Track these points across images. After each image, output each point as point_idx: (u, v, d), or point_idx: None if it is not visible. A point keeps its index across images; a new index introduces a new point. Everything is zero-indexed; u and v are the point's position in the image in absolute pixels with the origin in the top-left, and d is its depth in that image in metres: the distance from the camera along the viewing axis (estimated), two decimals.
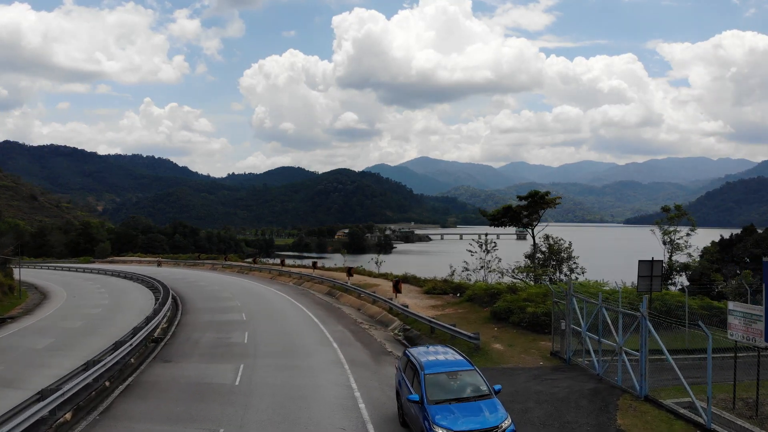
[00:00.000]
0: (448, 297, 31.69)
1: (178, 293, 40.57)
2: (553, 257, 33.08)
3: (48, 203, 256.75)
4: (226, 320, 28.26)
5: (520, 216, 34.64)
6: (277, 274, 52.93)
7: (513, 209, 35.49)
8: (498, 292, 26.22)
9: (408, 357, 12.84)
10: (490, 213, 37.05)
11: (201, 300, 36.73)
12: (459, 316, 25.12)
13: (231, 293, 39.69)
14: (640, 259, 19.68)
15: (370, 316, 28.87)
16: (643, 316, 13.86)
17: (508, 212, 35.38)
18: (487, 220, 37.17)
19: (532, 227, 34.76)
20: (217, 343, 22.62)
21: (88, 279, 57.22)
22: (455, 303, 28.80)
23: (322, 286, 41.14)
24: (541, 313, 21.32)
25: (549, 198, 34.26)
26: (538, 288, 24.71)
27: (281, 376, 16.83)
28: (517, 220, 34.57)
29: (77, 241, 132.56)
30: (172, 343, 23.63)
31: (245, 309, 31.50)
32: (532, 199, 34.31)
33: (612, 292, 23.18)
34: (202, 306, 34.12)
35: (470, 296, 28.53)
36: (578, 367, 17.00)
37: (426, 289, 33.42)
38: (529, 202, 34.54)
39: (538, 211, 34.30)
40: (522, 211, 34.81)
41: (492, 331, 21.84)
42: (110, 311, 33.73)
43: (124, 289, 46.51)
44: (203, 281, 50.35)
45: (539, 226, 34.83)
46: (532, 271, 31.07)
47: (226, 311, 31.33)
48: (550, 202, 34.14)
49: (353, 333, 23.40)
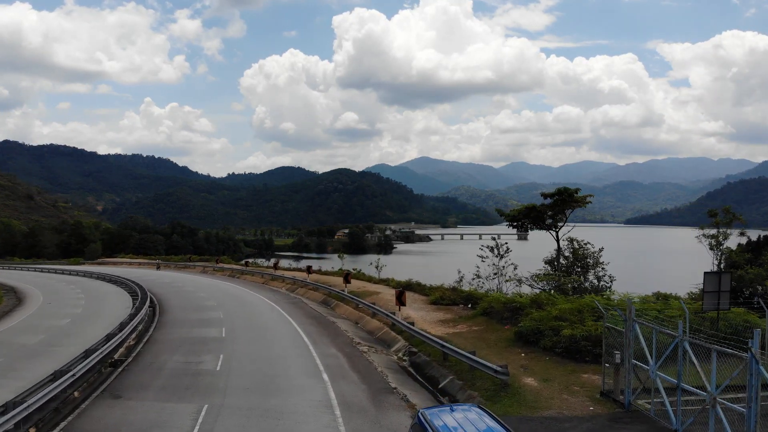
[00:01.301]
0: (459, 309, 27.71)
1: (159, 300, 36.81)
2: (577, 263, 28.99)
3: (44, 203, 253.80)
4: (202, 337, 24.29)
5: (543, 216, 30.42)
6: (270, 278, 49.09)
7: (537, 209, 31.17)
8: (520, 306, 22.12)
9: (423, 425, 8.80)
10: (508, 213, 32.81)
11: (181, 309, 32.81)
12: (475, 335, 21.13)
13: (216, 301, 35.78)
14: (705, 270, 15.74)
15: (369, 332, 24.89)
16: (754, 357, 9.84)
17: (532, 212, 31.05)
18: (504, 220, 32.94)
19: (557, 229, 30.57)
20: (184, 371, 18.63)
21: (71, 282, 53.56)
22: (468, 317, 24.78)
23: (317, 294, 37.18)
24: (580, 337, 17.27)
25: (578, 196, 29.95)
26: (570, 302, 20.63)
27: (252, 428, 12.85)
28: (540, 221, 30.42)
29: (68, 242, 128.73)
30: (131, 369, 19.66)
31: (227, 322, 27.53)
32: (560, 198, 30.02)
33: (661, 307, 19.18)
34: (181, 317, 30.22)
35: (485, 309, 24.51)
36: (642, 415, 12.95)
37: (433, 299, 29.42)
38: (555, 200, 30.25)
39: (564, 210, 30.08)
40: (547, 210, 30.52)
41: (519, 358, 17.81)
42: (79, 322, 29.90)
43: (104, 294, 42.81)
44: (190, 286, 46.50)
45: (565, 228, 30.56)
46: (554, 279, 26.89)
47: (206, 324, 27.37)
48: (580, 200, 29.88)
49: (348, 358, 19.27)
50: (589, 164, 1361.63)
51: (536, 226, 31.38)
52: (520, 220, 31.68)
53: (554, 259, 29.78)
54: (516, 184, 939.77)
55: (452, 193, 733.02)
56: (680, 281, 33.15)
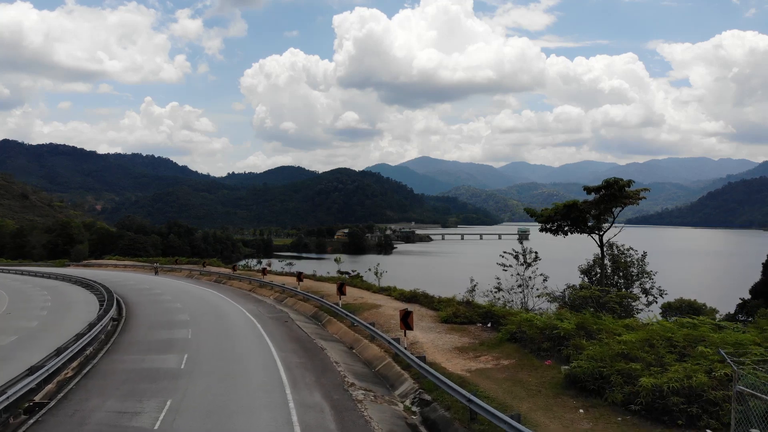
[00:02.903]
0: (477, 330, 22.50)
1: (129, 311, 31.84)
2: (618, 272, 23.68)
3: (40, 202, 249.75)
4: (155, 369, 19.07)
5: (585, 216, 24.74)
6: (258, 285, 43.96)
7: (579, 206, 25.03)
8: (565, 335, 16.78)
9: None
10: (539, 212, 26.95)
11: (148, 325, 27.65)
12: (507, 374, 15.91)
13: (189, 314, 30.57)
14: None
15: (367, 361, 19.67)
16: None
17: (572, 211, 25.11)
18: (538, 222, 27.05)
19: (601, 232, 24.98)
20: (114, 427, 13.53)
21: (46, 287, 48.49)
22: (492, 344, 19.51)
23: (307, 306, 31.97)
24: (669, 390, 12.02)
25: (631, 191, 24.16)
26: (635, 331, 15.38)
27: None
28: (581, 222, 24.74)
29: (56, 242, 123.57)
30: (47, 420, 14.47)
31: (192, 345, 22.30)
32: (608, 192, 24.05)
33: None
34: (143, 337, 25.06)
35: (513, 333, 19.27)
36: None
37: (444, 317, 24.15)
38: (602, 195, 24.36)
39: (611, 209, 24.38)
40: (591, 209, 24.80)
41: (577, 417, 12.52)
42: (26, 341, 24.78)
43: (72, 303, 38.00)
44: (169, 294, 41.40)
45: (612, 230, 24.87)
46: (595, 294, 21.42)
47: (167, 348, 22.16)
48: (632, 195, 24.06)
49: (337, 412, 13.91)
50: (589, 164, 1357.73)
51: (576, 229, 25.57)
52: (557, 221, 26.01)
53: (590, 267, 24.50)
54: (516, 184, 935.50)
55: (453, 193, 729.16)
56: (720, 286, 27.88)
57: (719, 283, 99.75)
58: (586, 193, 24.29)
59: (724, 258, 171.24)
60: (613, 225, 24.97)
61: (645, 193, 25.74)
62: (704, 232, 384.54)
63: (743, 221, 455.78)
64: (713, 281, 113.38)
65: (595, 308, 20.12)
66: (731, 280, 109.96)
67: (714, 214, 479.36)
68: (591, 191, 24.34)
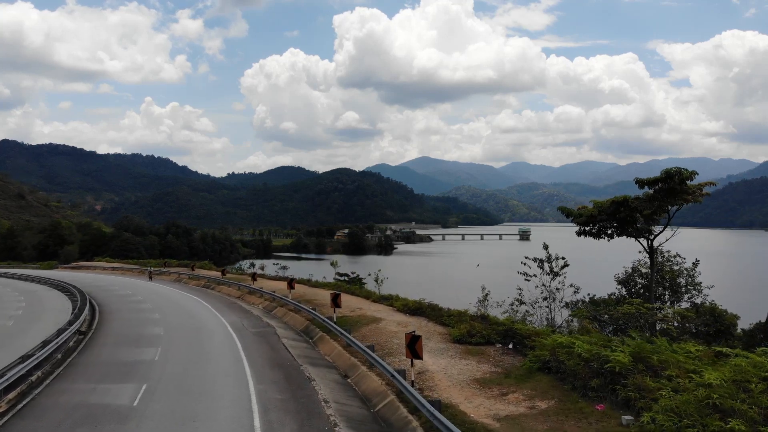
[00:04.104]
0: (496, 352, 18.74)
1: (99, 323, 28.26)
2: (664, 282, 19.83)
3: (36, 202, 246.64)
4: (103, 406, 15.29)
5: (635, 216, 20.58)
6: (247, 291, 40.32)
7: (630, 203, 20.08)
8: (622, 369, 12.94)
9: None
10: (576, 211, 22.59)
11: (112, 343, 23.85)
12: (547, 423, 12.09)
13: (165, 327, 26.82)
14: None
15: (365, 397, 15.90)
16: None
17: (620, 209, 20.10)
18: (575, 223, 22.37)
19: (650, 236, 20.76)
20: None
21: (25, 292, 45.10)
22: (520, 375, 15.72)
23: (298, 318, 28.20)
24: None
25: (693, 185, 19.43)
26: (719, 371, 11.67)
27: None
28: (630, 223, 20.44)
29: (46, 243, 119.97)
30: None
31: (156, 372, 18.48)
32: (666, 184, 19.25)
33: None
34: (104, 358, 21.31)
35: (545, 362, 15.53)
36: None
37: (457, 335, 20.33)
38: (658, 189, 19.64)
39: (667, 206, 20.17)
40: (644, 206, 19.77)
41: None
42: None
43: (45, 311, 34.37)
44: (149, 302, 37.74)
45: (666, 232, 20.54)
46: (640, 309, 17.39)
47: (125, 376, 18.33)
48: (695, 190, 19.52)
49: None
50: (589, 164, 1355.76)
51: (623, 231, 21.24)
52: (601, 221, 21.98)
53: (629, 277, 20.62)
54: (517, 184, 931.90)
55: (453, 193, 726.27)
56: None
57: (733, 285, 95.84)
58: (638, 187, 19.99)
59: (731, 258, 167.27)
60: (667, 227, 20.66)
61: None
62: (705, 232, 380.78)
63: (744, 221, 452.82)
64: (727, 283, 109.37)
65: (642, 329, 16.35)
66: (744, 282, 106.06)
67: (715, 214, 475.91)
68: (644, 184, 19.93)
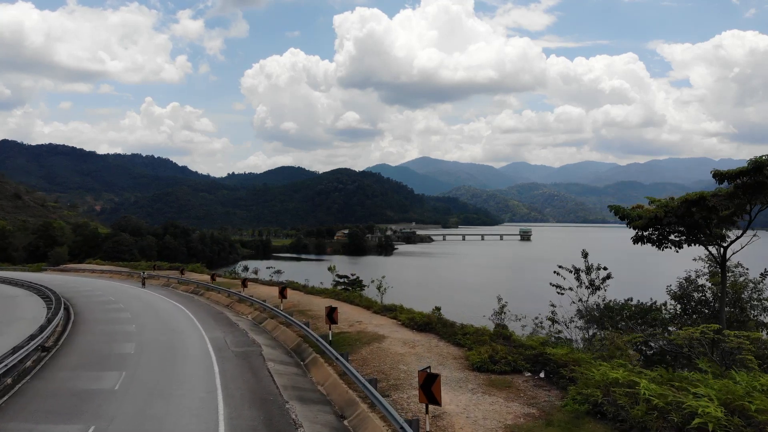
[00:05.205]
0: (526, 384, 15.43)
1: (68, 337, 25.57)
2: (726, 296, 16.33)
3: (33, 202, 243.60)
4: None
5: (711, 218, 15.92)
6: (236, 299, 36.99)
7: (707, 200, 15.60)
8: (705, 421, 9.47)
9: None
10: (634, 213, 17.70)
11: (74, 365, 20.41)
12: None
13: (136, 345, 23.44)
14: None
15: None
16: None
17: (692, 209, 15.69)
18: (633, 227, 17.72)
19: (724, 244, 16.70)
20: None
21: (4, 297, 42.50)
22: (565, 421, 12.35)
23: (290, 333, 24.88)
24: None
25: None
26: None
27: None
28: (704, 227, 16.23)
29: (37, 245, 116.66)
30: None
31: (111, 408, 15.03)
32: (752, 178, 14.78)
33: None
34: (59, 384, 17.85)
35: (596, 404, 12.12)
36: None
37: (477, 361, 16.90)
38: (739, 185, 15.16)
39: (747, 206, 15.59)
40: (725, 206, 15.32)
41: None
42: None
43: (16, 320, 31.13)
44: (129, 311, 34.51)
45: (744, 237, 16.47)
46: (704, 334, 13.59)
47: (75, 412, 14.92)
48: None
49: None
50: (590, 164, 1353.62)
51: (691, 237, 17.27)
52: (667, 225, 16.90)
53: (685, 291, 17.08)
54: (517, 184, 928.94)
55: (453, 193, 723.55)
56: None
57: None
58: (717, 182, 15.95)
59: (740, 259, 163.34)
60: (746, 230, 16.74)
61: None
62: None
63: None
64: None
65: (711, 357, 12.97)
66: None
67: None
68: (724, 178, 15.34)
